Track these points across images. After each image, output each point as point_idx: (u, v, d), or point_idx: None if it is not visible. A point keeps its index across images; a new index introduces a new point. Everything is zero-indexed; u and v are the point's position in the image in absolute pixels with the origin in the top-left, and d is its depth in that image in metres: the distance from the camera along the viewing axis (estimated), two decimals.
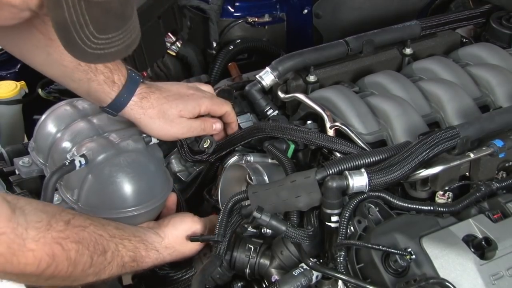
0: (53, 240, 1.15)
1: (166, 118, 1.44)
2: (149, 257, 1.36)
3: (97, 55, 1.05)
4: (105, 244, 1.26)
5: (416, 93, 1.55)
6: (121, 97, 1.41)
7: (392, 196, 1.25)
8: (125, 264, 1.31)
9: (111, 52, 1.06)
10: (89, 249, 1.22)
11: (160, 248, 1.39)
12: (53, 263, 1.15)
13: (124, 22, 1.06)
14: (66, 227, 1.18)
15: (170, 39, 2.18)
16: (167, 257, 1.40)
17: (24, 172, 1.57)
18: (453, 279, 1.10)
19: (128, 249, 1.32)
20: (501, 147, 1.29)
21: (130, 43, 1.08)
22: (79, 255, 1.19)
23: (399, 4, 2.23)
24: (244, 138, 1.53)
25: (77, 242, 1.19)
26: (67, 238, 1.17)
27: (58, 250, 1.15)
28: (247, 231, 1.42)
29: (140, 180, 1.42)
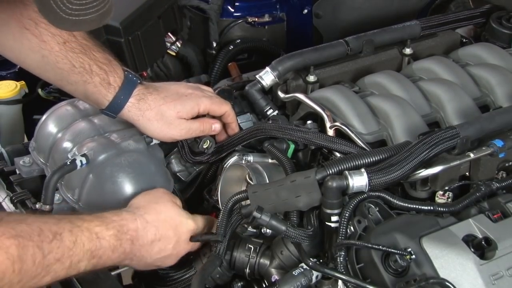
0: None
1: (165, 120, 1.44)
2: (125, 219, 1.27)
3: (73, 21, 1.07)
4: (53, 228, 1.14)
5: (416, 93, 1.55)
6: (118, 99, 1.41)
7: (392, 196, 1.25)
8: (99, 234, 1.21)
9: (85, 20, 1.08)
10: (33, 239, 1.10)
11: (131, 210, 1.31)
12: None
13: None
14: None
15: (170, 39, 2.18)
16: (147, 216, 1.30)
17: (24, 172, 1.57)
18: (453, 279, 1.10)
19: (90, 220, 1.21)
20: (501, 147, 1.29)
21: (104, 12, 1.10)
22: (22, 249, 1.07)
23: (399, 4, 2.23)
24: (244, 139, 1.53)
25: (15, 236, 1.07)
26: (2, 235, 1.06)
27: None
28: (247, 231, 1.42)
29: (141, 180, 1.42)
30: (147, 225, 1.29)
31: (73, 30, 1.36)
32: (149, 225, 1.30)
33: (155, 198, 1.36)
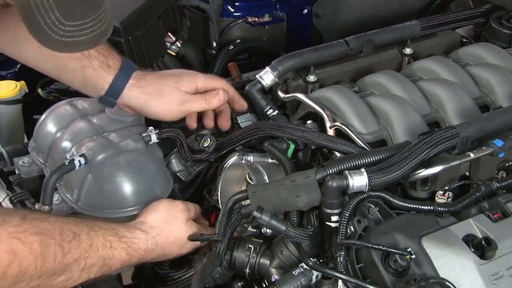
0: (9, 235, 1.08)
1: (164, 92, 1.45)
2: (137, 237, 1.31)
3: (66, 42, 1.03)
4: (73, 229, 1.19)
5: (416, 93, 1.55)
6: (118, 80, 1.42)
7: (392, 196, 1.25)
8: (113, 243, 1.25)
9: (80, 41, 1.04)
10: (55, 237, 1.14)
11: (145, 228, 1.34)
12: (15, 259, 1.07)
13: (93, 11, 1.03)
14: (23, 221, 1.11)
15: (170, 39, 2.18)
16: (158, 238, 1.34)
17: (24, 172, 1.57)
18: (453, 279, 1.10)
19: (106, 228, 1.26)
20: (501, 147, 1.29)
21: (100, 33, 1.06)
22: (45, 246, 1.11)
23: (399, 4, 2.23)
24: (244, 137, 1.53)
25: (38, 233, 1.12)
26: (26, 231, 1.10)
27: (17, 245, 1.08)
28: (247, 231, 1.42)
29: (140, 179, 1.42)
30: (156, 247, 1.35)
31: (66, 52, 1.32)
32: (157, 247, 1.35)
33: (171, 218, 1.38)
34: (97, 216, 1.42)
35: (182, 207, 1.42)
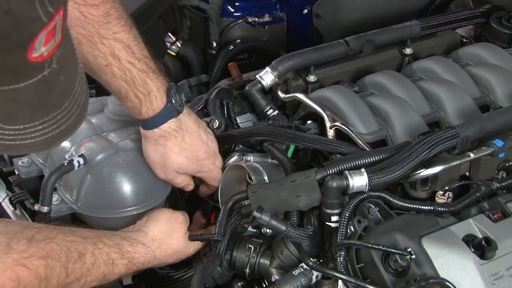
0: (14, 263, 1.09)
1: (164, 164, 1.42)
2: (138, 252, 1.33)
3: (6, 146, 0.84)
4: (79, 248, 1.21)
5: (416, 93, 1.55)
6: (144, 124, 1.39)
7: (392, 196, 1.25)
8: (115, 261, 1.27)
9: (25, 144, 0.85)
10: (61, 259, 1.16)
11: (146, 241, 1.36)
12: (20, 285, 1.08)
13: (44, 112, 0.84)
14: (29, 245, 1.12)
15: (170, 39, 2.18)
16: (157, 252, 1.37)
17: (23, 172, 1.57)
18: (453, 279, 1.10)
19: (110, 245, 1.28)
20: (501, 147, 1.29)
21: (56, 135, 0.86)
22: (50, 269, 1.13)
23: (399, 4, 2.23)
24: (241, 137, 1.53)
25: (45, 257, 1.13)
26: (32, 256, 1.11)
27: (22, 272, 1.09)
28: (247, 231, 1.42)
29: (139, 179, 1.42)
30: (153, 259, 1.36)
31: (9, 154, 1.27)
32: (155, 259, 1.37)
33: (172, 230, 1.40)
34: (97, 217, 1.42)
35: (183, 219, 1.43)
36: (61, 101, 0.85)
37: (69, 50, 0.84)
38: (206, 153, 1.46)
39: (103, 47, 1.28)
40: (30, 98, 0.80)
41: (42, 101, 0.82)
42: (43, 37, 0.76)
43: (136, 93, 1.34)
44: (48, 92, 0.82)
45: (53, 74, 0.80)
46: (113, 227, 1.37)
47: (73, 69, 0.86)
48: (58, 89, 0.84)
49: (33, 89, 0.79)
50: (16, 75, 0.77)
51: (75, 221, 1.47)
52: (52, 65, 0.80)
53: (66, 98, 0.86)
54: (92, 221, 1.44)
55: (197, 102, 1.68)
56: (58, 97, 0.84)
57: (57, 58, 0.80)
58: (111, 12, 1.29)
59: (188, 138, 1.42)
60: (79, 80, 0.87)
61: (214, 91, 1.63)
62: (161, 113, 1.37)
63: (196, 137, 1.44)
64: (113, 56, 1.30)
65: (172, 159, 1.41)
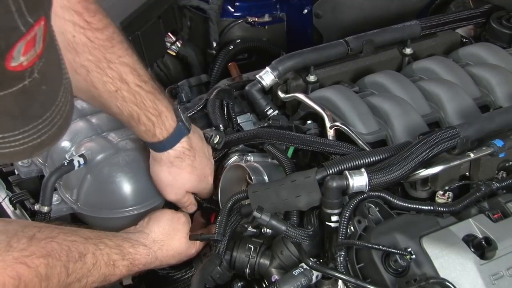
0: (15, 260, 1.08)
1: (174, 183, 1.42)
2: (139, 253, 1.33)
3: None
4: (80, 248, 1.21)
5: (416, 93, 1.55)
6: (158, 147, 1.38)
7: (392, 196, 1.25)
8: (116, 262, 1.27)
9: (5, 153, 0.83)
10: (61, 259, 1.16)
11: (148, 243, 1.36)
12: (21, 283, 1.08)
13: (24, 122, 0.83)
14: (29, 243, 1.12)
15: (170, 39, 2.18)
16: (159, 253, 1.37)
17: (23, 172, 1.57)
18: (453, 279, 1.10)
19: (111, 246, 1.28)
20: (501, 147, 1.29)
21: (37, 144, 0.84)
22: (50, 268, 1.13)
23: (399, 4, 2.23)
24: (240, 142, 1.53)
25: (45, 256, 1.13)
26: (32, 254, 1.11)
27: (23, 270, 1.09)
28: (247, 231, 1.42)
29: (139, 179, 1.42)
30: (155, 260, 1.37)
31: None
32: (157, 260, 1.37)
33: (174, 231, 1.40)
34: (97, 217, 1.42)
35: (185, 220, 1.43)
36: (42, 111, 0.84)
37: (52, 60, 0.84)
38: (210, 169, 1.48)
39: (111, 72, 1.28)
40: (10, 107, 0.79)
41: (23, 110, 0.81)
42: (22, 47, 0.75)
43: (147, 115, 1.33)
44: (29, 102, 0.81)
45: (34, 84, 0.80)
46: (113, 227, 1.37)
47: (57, 79, 0.85)
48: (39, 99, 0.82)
49: (13, 98, 0.78)
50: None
51: (75, 221, 1.47)
52: (33, 75, 0.79)
53: (48, 108, 0.84)
54: (92, 221, 1.44)
55: (197, 102, 1.68)
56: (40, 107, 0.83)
57: (39, 68, 0.79)
58: (114, 36, 1.29)
59: (198, 157, 1.42)
60: (64, 90, 0.86)
61: (214, 91, 1.63)
62: (175, 132, 1.37)
63: (202, 155, 1.45)
64: (122, 80, 1.30)
65: (186, 179, 1.42)
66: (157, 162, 1.40)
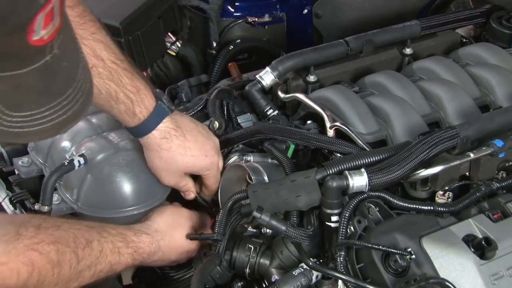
0: (26, 247, 1.10)
1: (170, 166, 1.40)
2: (142, 241, 1.33)
3: (15, 133, 0.84)
4: (86, 235, 1.21)
5: (416, 93, 1.55)
6: (141, 129, 1.36)
7: (392, 196, 1.25)
8: (120, 249, 1.27)
9: (34, 131, 0.85)
10: (70, 245, 1.17)
11: (150, 232, 1.36)
12: (34, 269, 1.10)
13: (49, 98, 0.85)
14: (37, 231, 1.13)
15: (170, 39, 2.18)
16: (161, 242, 1.37)
17: (23, 172, 1.57)
18: (453, 279, 1.10)
19: (114, 234, 1.28)
20: (501, 147, 1.29)
21: (63, 121, 0.87)
22: (61, 254, 1.15)
23: (399, 4, 2.23)
24: (241, 139, 1.53)
25: (55, 242, 1.15)
26: (42, 241, 1.13)
27: (35, 256, 1.10)
28: (247, 231, 1.42)
29: (140, 179, 1.42)
30: (158, 250, 1.37)
31: (18, 142, 1.26)
32: (159, 251, 1.37)
33: (177, 224, 1.40)
34: (97, 216, 1.42)
35: (187, 215, 1.43)
36: (65, 87, 0.86)
37: (69, 36, 0.85)
38: (213, 148, 1.45)
39: (85, 48, 1.25)
40: (35, 84, 0.81)
41: (47, 87, 0.83)
42: (42, 19, 0.76)
43: (125, 93, 1.32)
44: (52, 77, 0.83)
45: (55, 60, 0.81)
46: None
47: (75, 56, 0.87)
48: (61, 75, 0.84)
49: (37, 74, 0.80)
50: (18, 60, 0.78)
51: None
52: (53, 50, 0.81)
53: (70, 84, 0.86)
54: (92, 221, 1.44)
55: (197, 102, 1.68)
56: (62, 83, 0.85)
57: (58, 44, 0.81)
58: (85, 14, 1.28)
59: (189, 136, 1.40)
60: (82, 67, 0.88)
61: (214, 92, 1.63)
62: (155, 111, 1.35)
63: (197, 134, 1.42)
64: (96, 56, 1.29)
65: (179, 161, 1.40)
66: (146, 149, 1.39)
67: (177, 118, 1.40)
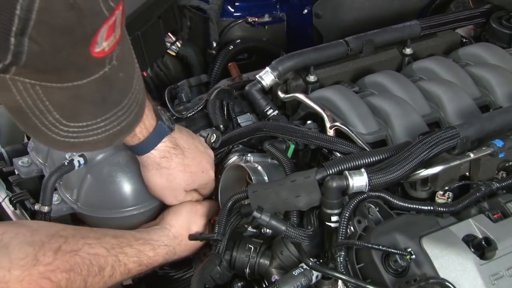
0: (40, 275, 1.10)
1: (171, 185, 1.39)
2: (158, 255, 1.34)
3: (70, 143, 0.86)
4: (101, 262, 1.22)
5: (416, 93, 1.55)
6: (140, 148, 1.35)
7: (392, 196, 1.25)
8: (131, 270, 1.28)
9: (89, 141, 0.87)
10: (82, 273, 1.17)
11: (169, 241, 1.36)
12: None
13: (106, 109, 0.86)
14: (55, 257, 1.13)
15: (170, 39, 2.17)
16: (177, 248, 1.38)
17: (23, 172, 1.57)
18: (453, 279, 1.10)
19: (131, 255, 1.28)
20: (501, 147, 1.29)
21: (117, 132, 0.88)
22: (71, 283, 1.15)
23: (399, 4, 2.23)
24: (243, 137, 1.53)
25: (68, 271, 1.14)
26: (56, 269, 1.12)
27: (46, 285, 1.10)
28: (247, 231, 1.42)
29: (140, 179, 1.42)
30: (173, 256, 1.38)
31: (72, 151, 1.24)
32: (175, 255, 1.39)
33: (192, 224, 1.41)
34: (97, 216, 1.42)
35: (202, 212, 1.43)
36: (121, 98, 0.86)
37: (127, 48, 0.86)
38: (209, 162, 1.46)
39: None
40: (93, 94, 0.82)
41: (104, 98, 0.84)
42: (105, 32, 0.77)
43: None
44: (109, 88, 0.84)
45: (113, 71, 0.82)
46: (113, 227, 1.37)
47: (131, 67, 0.88)
48: (118, 86, 0.85)
49: (95, 85, 0.81)
50: (79, 71, 0.79)
51: (75, 221, 1.47)
52: (112, 61, 0.82)
53: (126, 95, 0.87)
54: (92, 221, 1.44)
55: (197, 102, 1.68)
56: (118, 94, 0.86)
57: (117, 55, 0.82)
58: None
59: (188, 154, 1.40)
60: (137, 78, 0.89)
61: (214, 92, 1.63)
62: (155, 131, 1.33)
63: (195, 150, 1.42)
64: None
65: (179, 179, 1.39)
66: (145, 167, 1.38)
67: (177, 136, 1.39)
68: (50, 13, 0.71)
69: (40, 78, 0.78)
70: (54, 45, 0.74)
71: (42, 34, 0.72)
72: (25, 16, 0.71)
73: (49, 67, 0.77)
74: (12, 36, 0.72)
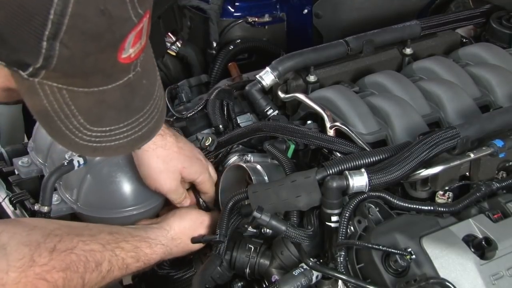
0: (36, 276, 1.10)
1: (167, 166, 1.38)
2: (155, 253, 1.33)
3: (93, 148, 0.87)
4: (97, 257, 1.21)
5: (416, 93, 1.55)
6: None
7: (392, 196, 1.25)
8: (129, 265, 1.28)
9: (110, 146, 0.88)
10: (79, 271, 1.17)
11: (166, 241, 1.36)
12: None
13: (128, 115, 0.87)
14: (50, 257, 1.13)
15: (170, 39, 2.18)
16: (174, 249, 1.37)
17: (23, 172, 1.57)
18: (453, 279, 1.10)
19: (128, 250, 1.28)
20: (501, 147, 1.29)
21: (138, 137, 0.89)
22: (68, 281, 1.15)
23: (399, 4, 2.23)
24: (243, 137, 1.53)
25: (64, 270, 1.14)
26: (53, 269, 1.12)
27: (42, 285, 1.11)
28: (247, 231, 1.42)
29: (139, 179, 1.42)
30: (169, 255, 1.38)
31: (94, 156, 1.27)
32: (171, 255, 1.39)
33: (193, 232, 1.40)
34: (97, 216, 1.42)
35: (208, 224, 1.43)
36: (143, 104, 0.88)
37: (149, 55, 0.88)
38: (201, 154, 1.46)
39: None
40: (117, 100, 0.84)
41: (127, 103, 0.86)
42: (132, 38, 0.79)
43: None
44: (133, 95, 0.86)
45: (137, 77, 0.84)
46: None
47: (153, 74, 0.89)
48: (140, 93, 0.87)
49: (120, 91, 0.83)
50: (105, 76, 0.81)
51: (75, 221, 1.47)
52: (136, 68, 0.83)
53: (147, 101, 0.89)
54: (92, 221, 1.44)
55: (197, 102, 1.68)
56: (141, 100, 0.88)
57: (141, 62, 0.84)
58: None
59: (180, 139, 1.41)
60: (158, 85, 0.90)
61: (214, 92, 1.63)
62: None
63: (186, 141, 1.43)
64: None
65: (176, 159, 1.39)
66: (140, 150, 1.36)
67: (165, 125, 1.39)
68: (82, 19, 0.73)
69: (68, 82, 0.79)
70: (83, 50, 0.76)
71: (73, 39, 0.74)
72: (58, 21, 0.72)
73: (77, 72, 0.78)
74: (45, 40, 0.73)
